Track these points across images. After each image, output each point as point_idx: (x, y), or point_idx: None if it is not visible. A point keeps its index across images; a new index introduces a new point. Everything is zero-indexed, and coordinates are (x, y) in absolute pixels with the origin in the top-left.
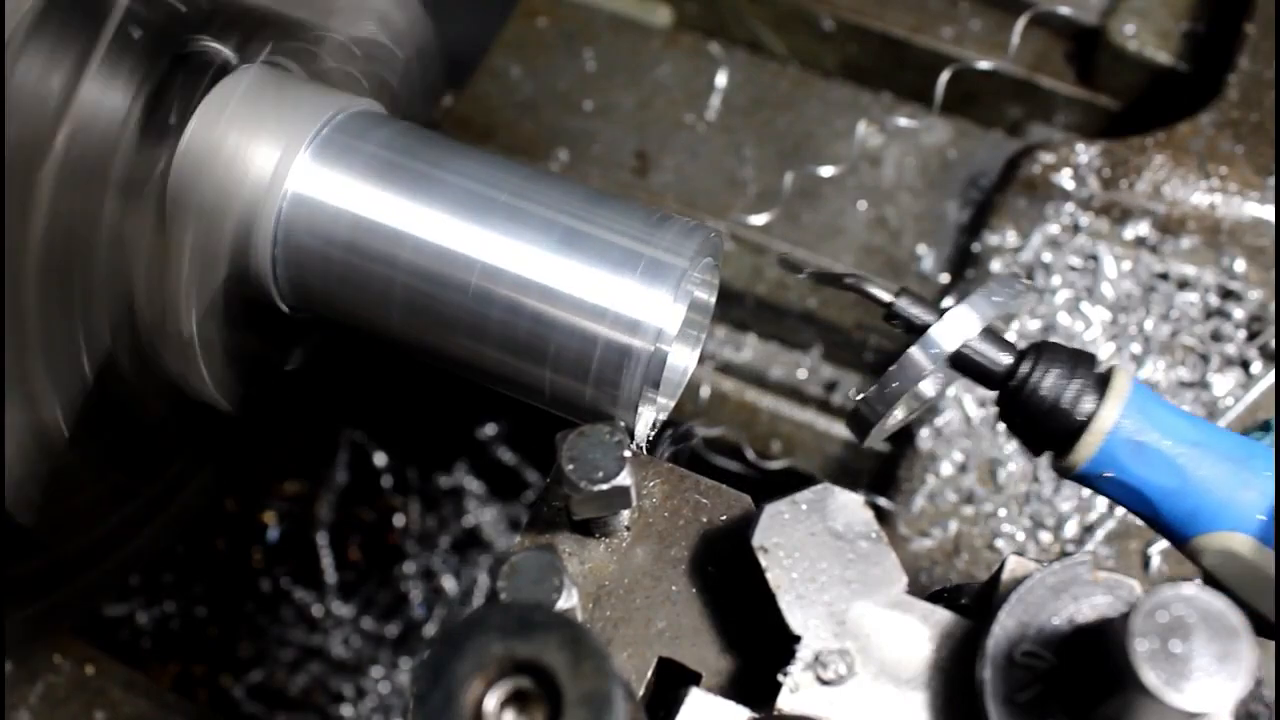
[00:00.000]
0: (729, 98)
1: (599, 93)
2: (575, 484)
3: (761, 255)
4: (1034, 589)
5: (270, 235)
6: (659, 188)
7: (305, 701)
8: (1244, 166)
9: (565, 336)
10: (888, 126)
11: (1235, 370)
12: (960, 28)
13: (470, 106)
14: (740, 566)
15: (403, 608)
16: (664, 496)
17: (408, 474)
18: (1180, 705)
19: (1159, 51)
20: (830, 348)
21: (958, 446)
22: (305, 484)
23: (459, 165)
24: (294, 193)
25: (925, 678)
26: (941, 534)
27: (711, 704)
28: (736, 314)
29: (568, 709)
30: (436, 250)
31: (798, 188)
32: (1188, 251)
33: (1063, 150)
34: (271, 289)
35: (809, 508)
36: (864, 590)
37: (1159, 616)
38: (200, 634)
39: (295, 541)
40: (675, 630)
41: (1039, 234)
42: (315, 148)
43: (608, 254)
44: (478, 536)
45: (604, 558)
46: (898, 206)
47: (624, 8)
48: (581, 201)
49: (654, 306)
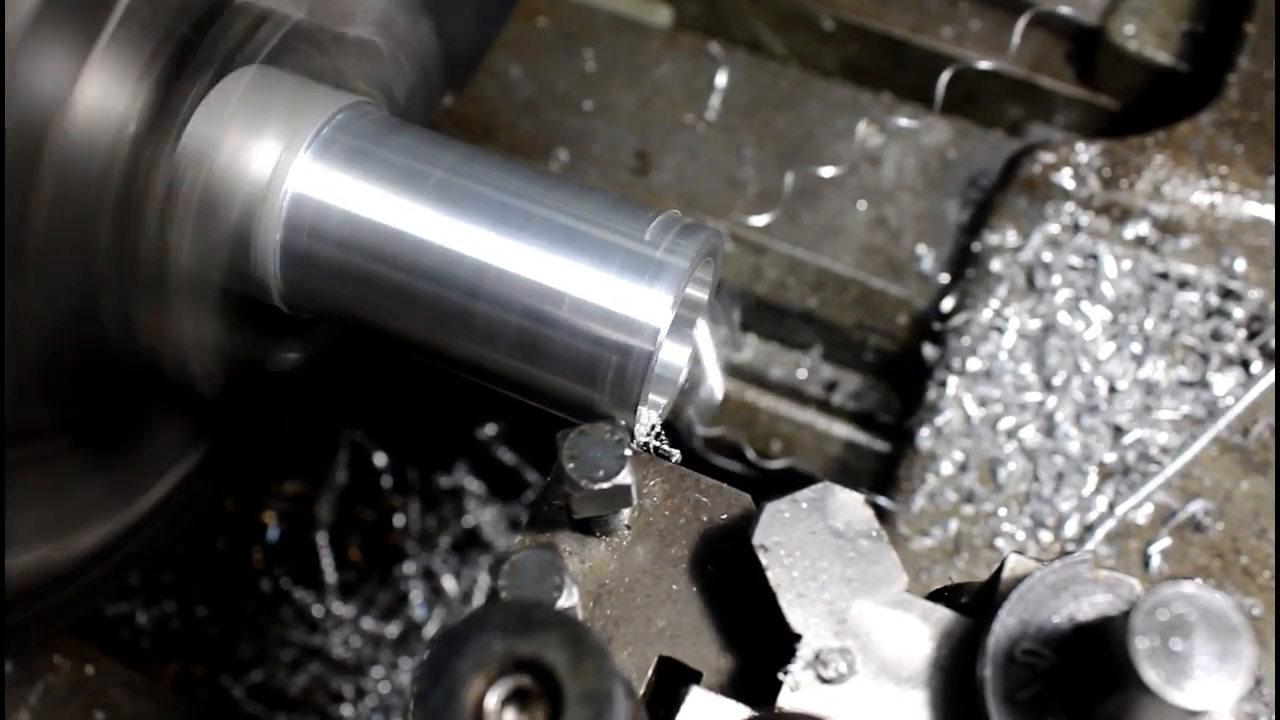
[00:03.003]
0: (729, 98)
1: (599, 93)
2: (576, 483)
3: (761, 255)
4: (1034, 587)
5: (270, 234)
6: (659, 188)
7: (305, 701)
8: (1244, 166)
9: (565, 337)
10: (888, 126)
11: (1235, 370)
12: (960, 28)
13: (470, 106)
14: (741, 565)
15: (403, 608)
16: (664, 495)
17: (408, 474)
18: (1181, 703)
19: (1159, 51)
20: (830, 348)
21: (958, 446)
22: (305, 484)
23: (459, 165)
24: (294, 192)
25: (926, 676)
26: (941, 533)
27: (712, 702)
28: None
29: (568, 707)
30: (436, 250)
31: (798, 187)
32: (1188, 251)
33: (1063, 150)
34: (271, 288)
35: (809, 506)
36: (864, 589)
37: (1159, 615)
38: (200, 634)
39: (295, 541)
40: (676, 629)
41: (1039, 233)
42: (316, 147)
43: (607, 254)
44: (478, 536)
45: (605, 556)
46: (898, 206)
47: (624, 8)
48: (581, 201)
49: (655, 307)
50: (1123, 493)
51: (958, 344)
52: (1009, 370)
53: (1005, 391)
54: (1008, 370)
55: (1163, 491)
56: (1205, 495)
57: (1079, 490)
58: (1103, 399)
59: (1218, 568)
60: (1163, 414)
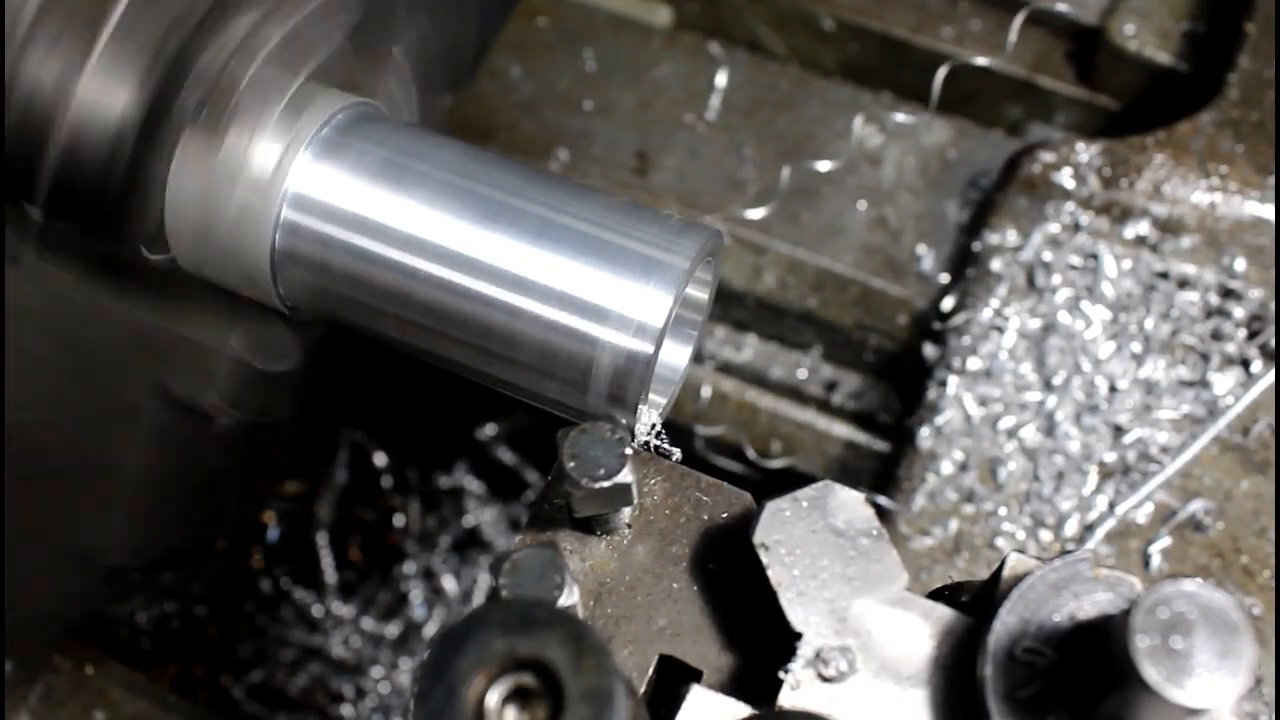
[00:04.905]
0: (729, 98)
1: (599, 93)
2: (577, 481)
3: (761, 255)
4: (1035, 586)
5: (270, 235)
6: (659, 187)
7: (305, 701)
8: (1244, 165)
9: (564, 337)
10: (888, 126)
11: (1235, 369)
12: (960, 28)
13: (470, 106)
14: (741, 564)
15: (403, 608)
16: (665, 494)
17: (408, 474)
18: (1181, 701)
19: (1159, 51)
20: (830, 348)
21: (958, 445)
22: (305, 484)
23: (459, 165)
24: (294, 192)
25: (926, 675)
26: (942, 533)
27: (712, 701)
28: (736, 314)
29: (569, 705)
30: (436, 250)
31: (798, 187)
32: (1188, 250)
33: (1063, 149)
34: (270, 288)
35: (810, 505)
36: (865, 587)
37: (1160, 613)
38: (200, 634)
39: (295, 541)
40: (676, 627)
41: (1039, 233)
42: (316, 147)
43: (607, 253)
44: (478, 536)
45: (605, 555)
46: (898, 206)
47: (624, 8)
48: (580, 201)
49: (655, 307)
50: (1123, 492)
51: (958, 343)
52: (1009, 370)
53: (1005, 391)
54: (1008, 370)
55: (1163, 491)
56: (1205, 495)
57: (1079, 489)
58: (1103, 398)
59: (1218, 567)
60: (1163, 413)
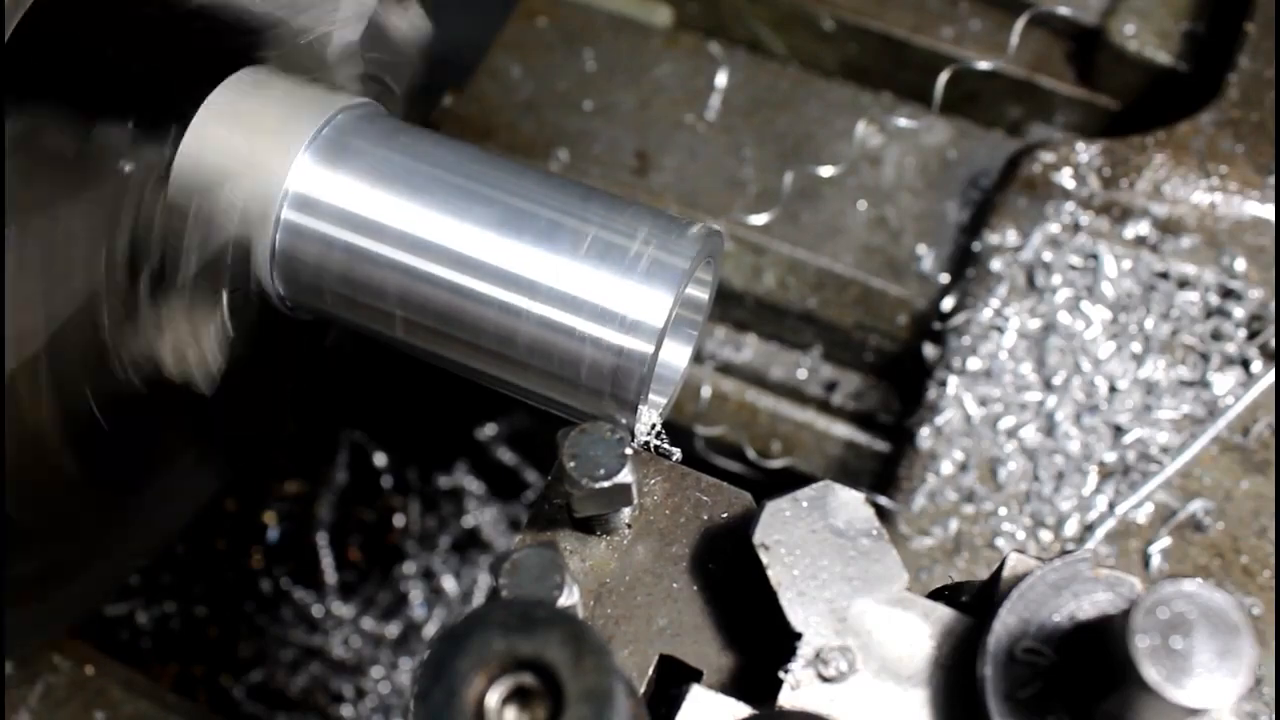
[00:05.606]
0: (729, 98)
1: (599, 93)
2: (577, 481)
3: (761, 255)
4: (1035, 586)
5: (270, 235)
6: (659, 188)
7: (305, 701)
8: (1244, 166)
9: (564, 336)
10: (888, 126)
11: (1235, 369)
12: (960, 28)
13: (470, 106)
14: (741, 564)
15: (403, 608)
16: (665, 494)
17: (408, 474)
18: (1181, 701)
19: (1159, 51)
20: (830, 348)
21: (958, 445)
22: (305, 484)
23: (459, 165)
24: (294, 192)
25: (926, 674)
26: (942, 533)
27: (712, 701)
28: (736, 314)
29: (569, 705)
30: (435, 250)
31: (798, 187)
32: (1188, 250)
33: (1063, 149)
34: (270, 288)
35: (810, 505)
36: (865, 587)
37: (1160, 613)
38: (200, 634)
39: (295, 541)
40: (676, 627)
41: (1039, 233)
42: (316, 147)
43: (607, 253)
44: (478, 536)
45: (605, 555)
46: (898, 206)
47: (624, 8)
48: (581, 201)
49: (655, 307)
50: (1123, 492)
51: (958, 343)
52: (1009, 370)
53: (1005, 391)
54: (1008, 370)
55: (1163, 491)
56: (1205, 495)
57: (1079, 489)
58: (1103, 398)
59: (1218, 567)
60: (1163, 413)
